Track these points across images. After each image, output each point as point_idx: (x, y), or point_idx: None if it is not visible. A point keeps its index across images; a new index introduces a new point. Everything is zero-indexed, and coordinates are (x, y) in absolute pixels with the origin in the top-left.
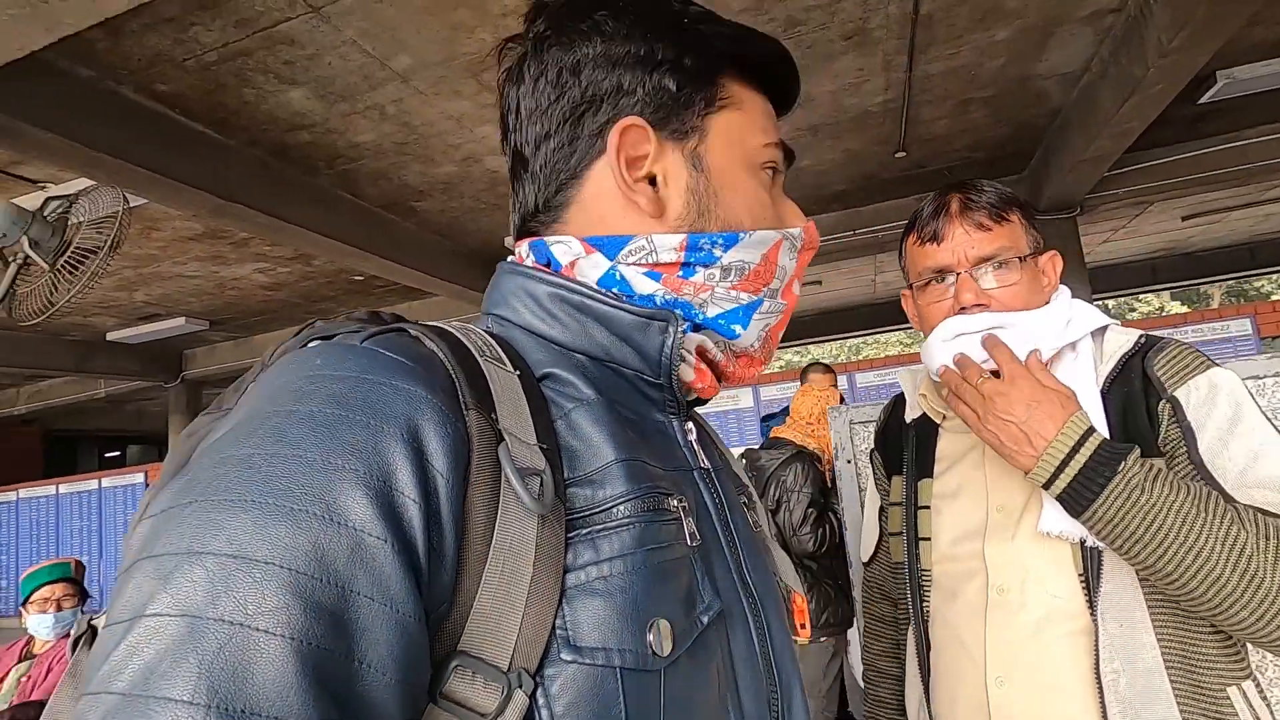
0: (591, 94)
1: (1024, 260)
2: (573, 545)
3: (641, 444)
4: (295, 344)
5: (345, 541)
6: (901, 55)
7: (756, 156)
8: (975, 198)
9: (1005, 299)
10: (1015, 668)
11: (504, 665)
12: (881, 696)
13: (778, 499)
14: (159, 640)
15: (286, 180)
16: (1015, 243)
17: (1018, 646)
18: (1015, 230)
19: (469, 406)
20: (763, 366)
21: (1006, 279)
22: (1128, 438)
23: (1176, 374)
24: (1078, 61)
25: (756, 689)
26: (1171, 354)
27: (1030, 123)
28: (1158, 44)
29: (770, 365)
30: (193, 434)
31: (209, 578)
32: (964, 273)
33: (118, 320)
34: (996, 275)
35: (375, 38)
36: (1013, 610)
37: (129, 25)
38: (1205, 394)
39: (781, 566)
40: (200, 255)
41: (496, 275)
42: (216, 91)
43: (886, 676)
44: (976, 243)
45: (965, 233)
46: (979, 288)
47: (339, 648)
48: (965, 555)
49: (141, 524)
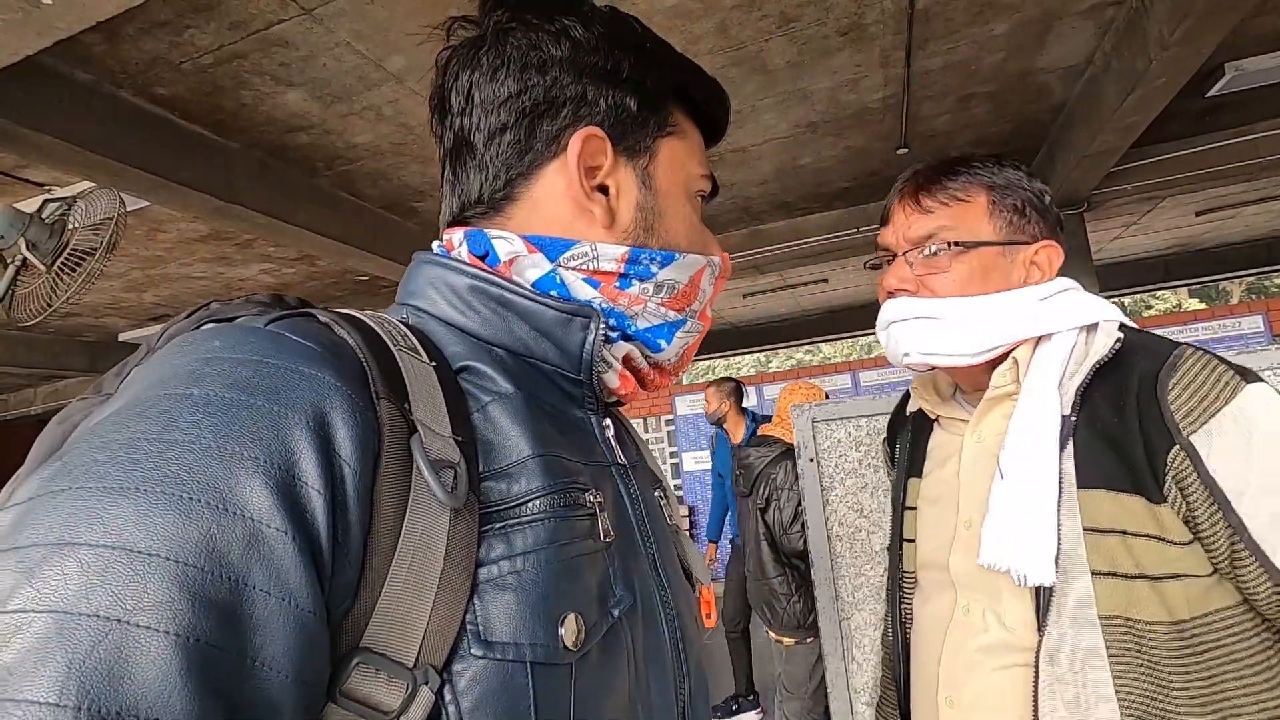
0: (555, 96)
1: (969, 246)
2: (486, 539)
3: (559, 439)
4: (188, 325)
5: (240, 532)
6: (899, 50)
7: (694, 184)
8: (928, 177)
9: (935, 286)
10: (962, 691)
11: (409, 661)
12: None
13: (767, 496)
14: (21, 638)
15: (287, 181)
16: (963, 225)
17: (964, 671)
18: (969, 212)
19: (380, 396)
20: (676, 378)
21: (935, 265)
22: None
23: (1195, 410)
24: (1079, 55)
25: (664, 682)
26: (1189, 376)
27: (1033, 118)
28: (1159, 36)
29: (781, 364)
30: (65, 419)
31: (82, 570)
32: (899, 255)
33: (129, 321)
34: (924, 262)
35: (368, 39)
36: (972, 632)
37: (125, 29)
38: (1233, 438)
39: (692, 559)
40: (206, 256)
41: (413, 265)
42: (214, 94)
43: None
44: (912, 224)
45: (904, 214)
46: (904, 272)
47: (230, 645)
48: (940, 565)
49: (2, 514)
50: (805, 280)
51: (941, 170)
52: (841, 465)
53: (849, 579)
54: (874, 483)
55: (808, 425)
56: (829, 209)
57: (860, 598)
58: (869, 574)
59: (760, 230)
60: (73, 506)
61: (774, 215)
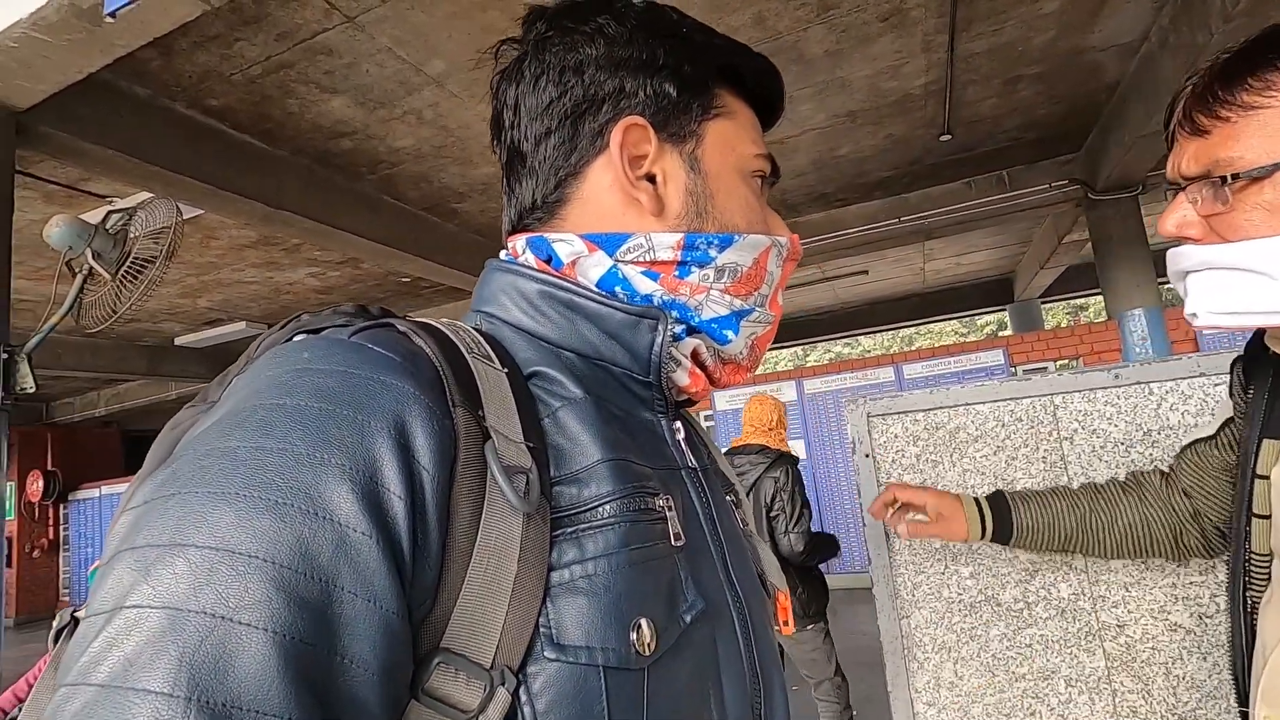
0: (594, 93)
1: (1264, 174)
2: (557, 544)
3: (629, 442)
4: (281, 336)
5: (330, 536)
6: (942, 34)
7: (748, 164)
8: (1210, 82)
9: (1224, 229)
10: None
11: (487, 662)
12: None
13: (772, 496)
14: (139, 632)
15: (332, 186)
16: (1257, 142)
17: None
18: (1256, 128)
19: (456, 404)
20: (749, 375)
21: (1210, 207)
22: None
23: None
24: (1135, 31)
25: (739, 687)
26: None
27: (1085, 98)
28: (1221, 8)
29: (820, 358)
30: (176, 426)
31: (191, 569)
32: (1179, 192)
33: (184, 326)
34: (1210, 199)
35: (408, 44)
36: None
37: (178, 44)
38: None
39: (767, 565)
40: (256, 261)
41: (485, 272)
42: (262, 103)
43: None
44: (1187, 151)
45: (1181, 139)
46: (1184, 214)
47: (321, 642)
48: None
49: (124, 516)
50: (845, 272)
51: (1232, 69)
52: (899, 461)
53: (907, 576)
54: (933, 478)
55: (863, 420)
56: (868, 199)
57: (920, 596)
58: (929, 571)
59: (798, 223)
60: (182, 510)
61: (811, 207)
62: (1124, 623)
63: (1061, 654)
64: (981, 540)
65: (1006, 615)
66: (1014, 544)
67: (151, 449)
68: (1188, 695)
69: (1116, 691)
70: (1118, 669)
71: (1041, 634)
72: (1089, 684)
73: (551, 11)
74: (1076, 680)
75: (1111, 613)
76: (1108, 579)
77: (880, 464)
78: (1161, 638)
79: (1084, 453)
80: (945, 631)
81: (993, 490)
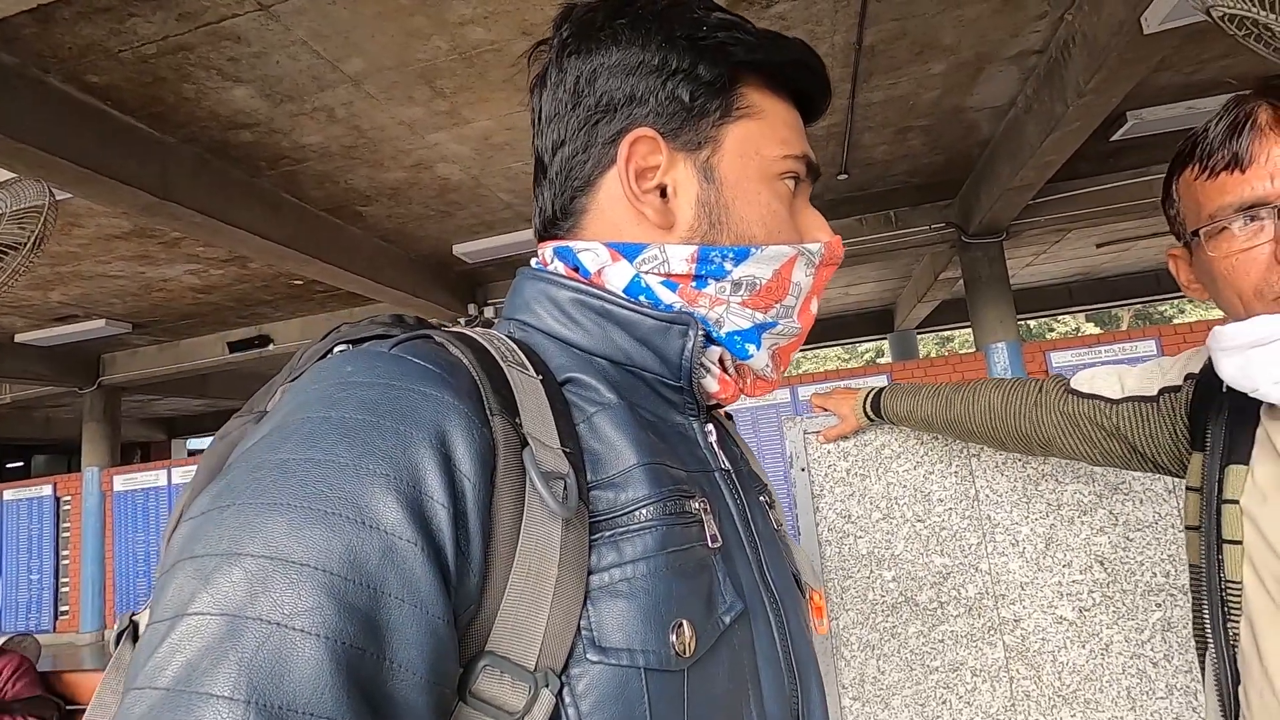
0: (606, 102)
1: None
2: (596, 547)
3: (663, 446)
4: (321, 348)
5: (377, 544)
6: (845, 83)
7: (773, 167)
8: None
9: None
10: None
11: (530, 665)
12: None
13: None
14: (200, 638)
15: (227, 179)
16: None
17: None
18: None
19: (494, 412)
20: (776, 386)
21: None
22: None
23: None
24: (1005, 96)
25: (778, 687)
26: None
27: (963, 152)
28: (1076, 85)
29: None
30: (225, 435)
31: (248, 578)
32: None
33: (29, 321)
34: None
35: (327, 39)
36: None
37: (60, 13)
38: None
39: (801, 565)
40: (126, 254)
41: (517, 281)
42: (153, 85)
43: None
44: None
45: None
46: None
47: (371, 648)
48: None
49: (181, 526)
50: None
51: None
52: (830, 474)
53: (837, 581)
54: (860, 490)
55: (799, 436)
56: None
57: (848, 599)
58: (856, 576)
59: None
60: (237, 521)
61: None
62: (1020, 617)
63: (969, 647)
64: (869, 424)
65: (923, 614)
66: (889, 422)
67: (202, 459)
68: (1070, 679)
69: (1013, 679)
70: (1014, 658)
71: (952, 630)
72: (990, 673)
73: (577, 12)
74: (980, 670)
75: (1010, 609)
76: (1007, 579)
77: (814, 477)
78: (1050, 629)
79: (988, 468)
80: (869, 631)
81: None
